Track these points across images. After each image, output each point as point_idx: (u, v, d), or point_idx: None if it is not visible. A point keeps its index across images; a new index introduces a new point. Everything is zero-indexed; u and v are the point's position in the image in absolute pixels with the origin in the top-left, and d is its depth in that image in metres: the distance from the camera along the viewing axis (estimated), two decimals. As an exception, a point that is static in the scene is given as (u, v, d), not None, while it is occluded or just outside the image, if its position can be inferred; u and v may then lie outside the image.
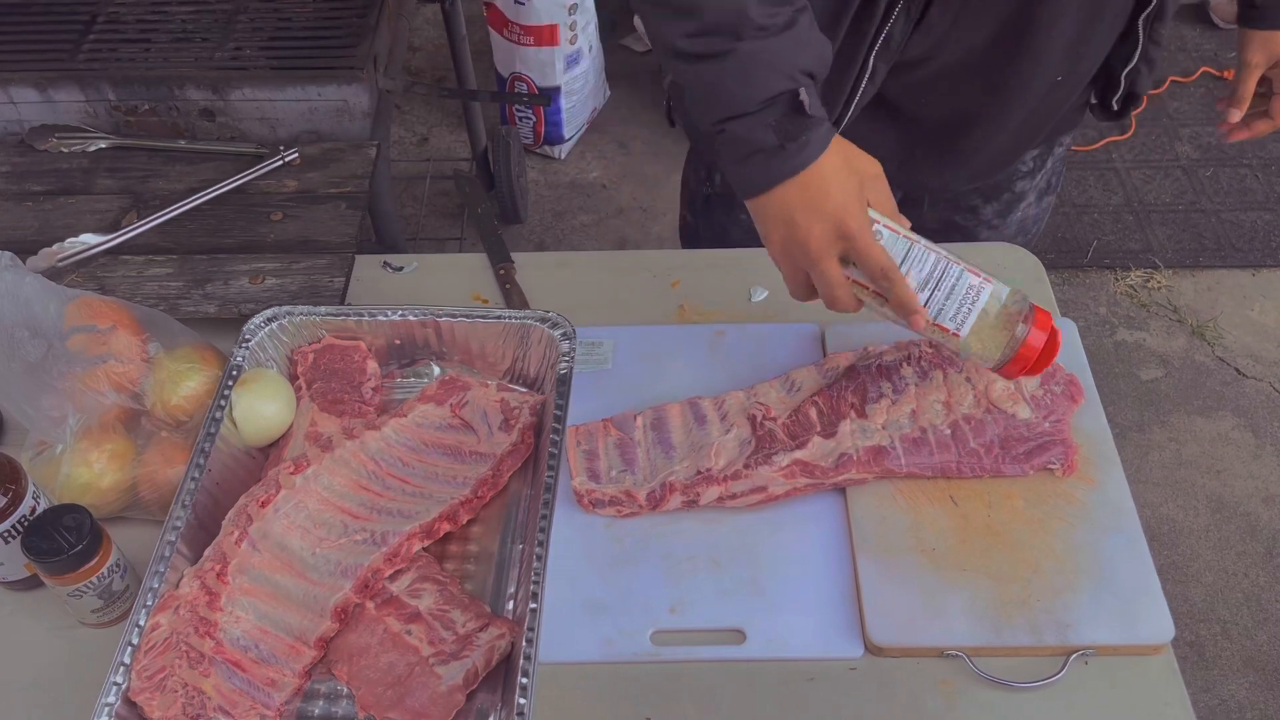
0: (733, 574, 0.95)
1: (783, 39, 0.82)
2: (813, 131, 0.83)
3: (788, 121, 0.82)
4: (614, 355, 1.11)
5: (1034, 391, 1.02)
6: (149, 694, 0.82)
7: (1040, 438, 0.99)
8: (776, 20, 0.82)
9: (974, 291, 0.87)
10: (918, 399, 1.02)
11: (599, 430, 1.04)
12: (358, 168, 1.34)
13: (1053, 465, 0.98)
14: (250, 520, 0.91)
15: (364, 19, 1.52)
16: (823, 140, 0.84)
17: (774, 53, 0.82)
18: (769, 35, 0.82)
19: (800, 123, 0.82)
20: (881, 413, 1.00)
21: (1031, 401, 1.01)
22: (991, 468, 0.98)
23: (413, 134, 2.82)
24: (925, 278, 0.86)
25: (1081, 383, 1.05)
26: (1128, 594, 0.91)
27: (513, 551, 0.96)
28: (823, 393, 1.03)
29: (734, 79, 0.82)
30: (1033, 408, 1.01)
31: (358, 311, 1.07)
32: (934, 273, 0.86)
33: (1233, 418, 2.21)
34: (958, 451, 0.98)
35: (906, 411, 1.01)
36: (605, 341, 1.12)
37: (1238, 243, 2.53)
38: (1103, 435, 1.02)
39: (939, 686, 0.88)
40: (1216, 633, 1.91)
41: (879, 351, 1.05)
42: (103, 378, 0.96)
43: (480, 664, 0.86)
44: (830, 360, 1.06)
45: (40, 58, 1.45)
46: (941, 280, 0.87)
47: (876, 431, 0.99)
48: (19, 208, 1.29)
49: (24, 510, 0.89)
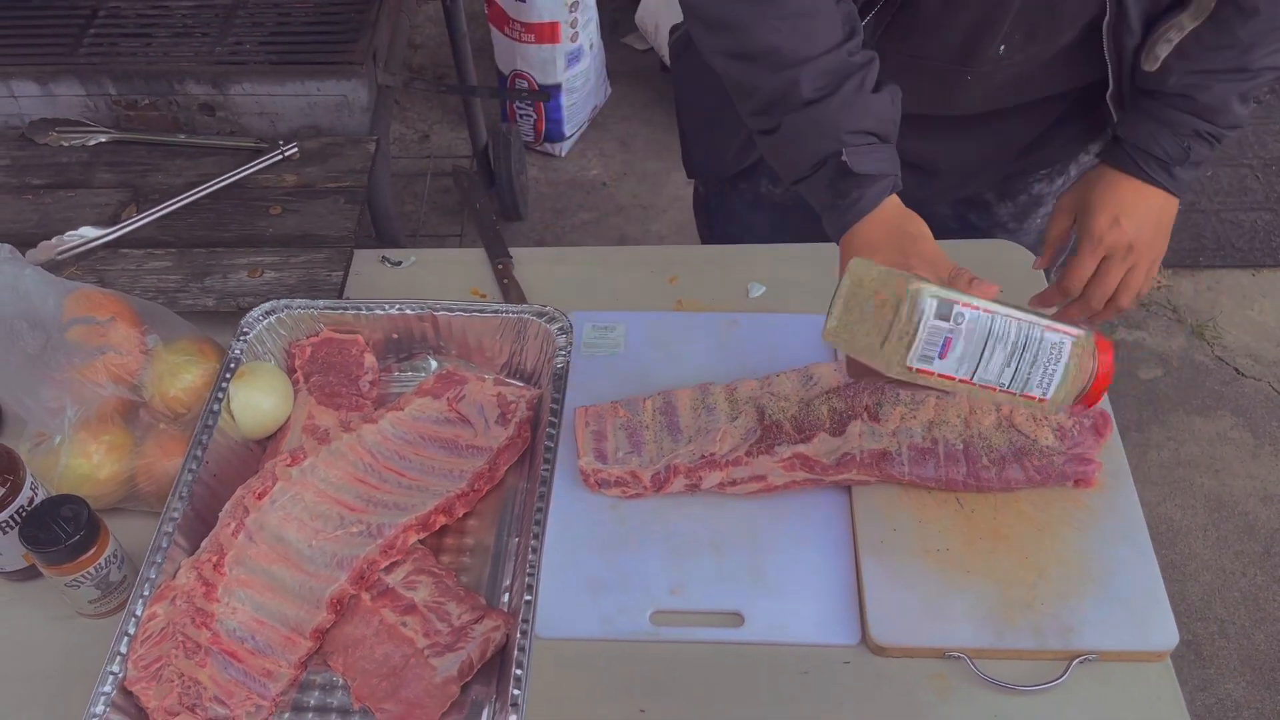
0: (734, 559, 0.95)
1: (824, 106, 0.88)
2: (866, 189, 0.88)
3: (839, 181, 0.88)
4: (626, 340, 1.12)
5: (1063, 422, 0.99)
6: (145, 684, 0.82)
7: (1063, 459, 0.97)
8: (823, 91, 0.88)
9: (1057, 350, 0.79)
10: (936, 410, 1.00)
11: (608, 412, 1.04)
12: (356, 162, 1.34)
13: (1067, 481, 0.97)
14: (247, 512, 0.91)
15: (364, 14, 1.52)
16: (876, 197, 0.88)
17: (817, 120, 0.89)
18: (813, 105, 0.88)
19: (850, 181, 0.88)
20: (895, 418, 1.00)
21: (1058, 431, 0.99)
22: (1000, 485, 0.97)
23: (414, 131, 2.82)
24: (1010, 351, 0.77)
25: (1109, 414, 1.01)
26: (1132, 600, 0.91)
27: (508, 544, 0.97)
28: (839, 390, 1.03)
29: (788, 148, 0.92)
30: (1058, 437, 0.98)
31: (356, 305, 1.08)
32: (1018, 341, 0.77)
33: (1231, 417, 2.21)
34: (966, 468, 0.97)
35: (922, 421, 1.00)
36: (618, 326, 1.13)
37: (1238, 242, 2.53)
38: (1113, 441, 1.01)
39: (932, 680, 0.88)
40: (1214, 631, 1.91)
41: None
42: (101, 369, 0.96)
43: (475, 656, 0.86)
44: None
45: (41, 52, 1.45)
46: (1026, 347, 0.78)
47: (885, 436, 0.99)
48: (19, 201, 1.30)
49: (22, 500, 0.89)
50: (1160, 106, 1.00)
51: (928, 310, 0.74)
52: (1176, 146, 1.00)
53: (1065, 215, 1.07)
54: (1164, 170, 1.01)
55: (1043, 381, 0.79)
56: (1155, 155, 1.00)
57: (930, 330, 0.74)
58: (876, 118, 0.90)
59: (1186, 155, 1.00)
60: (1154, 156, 1.00)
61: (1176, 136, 0.99)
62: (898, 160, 0.91)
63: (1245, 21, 0.95)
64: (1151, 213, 1.02)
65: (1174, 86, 0.99)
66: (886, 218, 0.89)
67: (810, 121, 0.89)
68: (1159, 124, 1.00)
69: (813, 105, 0.88)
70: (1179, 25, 0.97)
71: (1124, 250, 1.02)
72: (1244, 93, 0.98)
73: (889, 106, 0.91)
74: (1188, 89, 0.98)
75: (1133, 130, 1.02)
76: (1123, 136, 1.03)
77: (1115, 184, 1.03)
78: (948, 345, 0.75)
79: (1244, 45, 0.96)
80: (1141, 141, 1.01)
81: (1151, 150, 1.00)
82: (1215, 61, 0.97)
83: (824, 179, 0.89)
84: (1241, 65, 0.97)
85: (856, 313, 0.78)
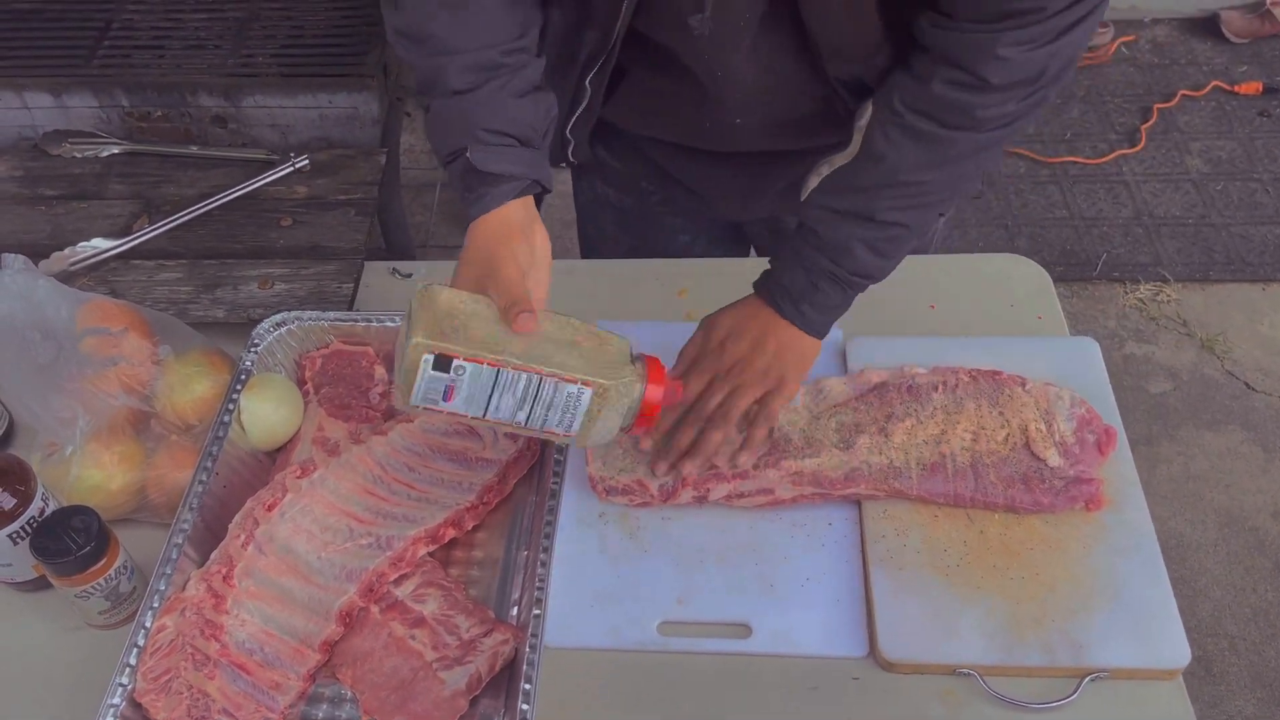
0: (742, 570, 0.95)
1: (466, 100, 0.89)
2: (491, 188, 0.89)
3: (468, 174, 0.90)
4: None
5: (1066, 438, 0.99)
6: (154, 696, 0.82)
7: (1064, 483, 0.97)
8: (469, 85, 0.89)
9: (574, 398, 0.83)
10: (944, 426, 1.00)
11: None
12: (367, 174, 1.34)
13: (1075, 505, 0.96)
14: (256, 524, 0.91)
15: (375, 27, 1.53)
16: (500, 197, 0.89)
17: (456, 112, 0.90)
18: (459, 96, 0.90)
19: (475, 177, 0.89)
20: (903, 433, 0.99)
21: (1060, 447, 0.99)
22: (1006, 503, 0.96)
23: (424, 142, 2.83)
24: (520, 398, 0.82)
25: (1116, 430, 1.01)
26: (1144, 616, 0.90)
27: (517, 558, 0.97)
28: (848, 404, 1.03)
29: (435, 131, 0.93)
30: (1061, 454, 0.98)
31: (366, 317, 1.08)
32: (527, 391, 0.82)
33: (1242, 432, 2.20)
34: (974, 484, 0.96)
35: (930, 435, 0.99)
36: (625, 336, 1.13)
37: (1248, 257, 2.52)
38: (1124, 456, 1.00)
39: (942, 697, 0.88)
40: (1224, 648, 1.89)
41: (913, 373, 1.05)
42: (113, 380, 0.97)
43: (484, 669, 0.86)
44: (862, 375, 1.06)
45: (55, 64, 1.46)
46: (538, 397, 0.83)
47: (894, 451, 0.98)
48: (32, 212, 1.30)
49: (33, 511, 0.89)
50: (798, 239, 0.98)
51: (424, 364, 0.80)
52: (805, 282, 0.98)
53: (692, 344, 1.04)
54: (792, 304, 0.99)
55: (563, 422, 0.85)
56: (786, 288, 0.99)
57: (430, 379, 0.81)
58: (513, 120, 0.90)
59: (814, 293, 0.98)
60: (786, 289, 0.99)
61: (806, 273, 0.97)
62: (541, 166, 0.92)
63: (872, 167, 0.93)
64: (783, 345, 1.00)
65: (809, 219, 0.97)
66: (498, 223, 0.89)
67: (453, 111, 0.90)
68: (795, 256, 0.98)
69: (459, 96, 0.89)
70: (830, 160, 1.00)
71: (725, 370, 0.99)
72: (871, 242, 0.95)
73: (531, 111, 0.92)
74: (818, 223, 0.96)
75: (775, 261, 1.01)
76: (768, 267, 1.02)
77: (748, 308, 1.01)
78: (450, 391, 0.82)
79: (869, 191, 0.94)
80: (777, 273, 1.00)
81: (783, 282, 0.99)
82: (842, 202, 0.95)
83: (456, 170, 0.91)
84: (867, 213, 0.94)
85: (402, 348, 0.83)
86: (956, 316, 1.16)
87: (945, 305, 1.18)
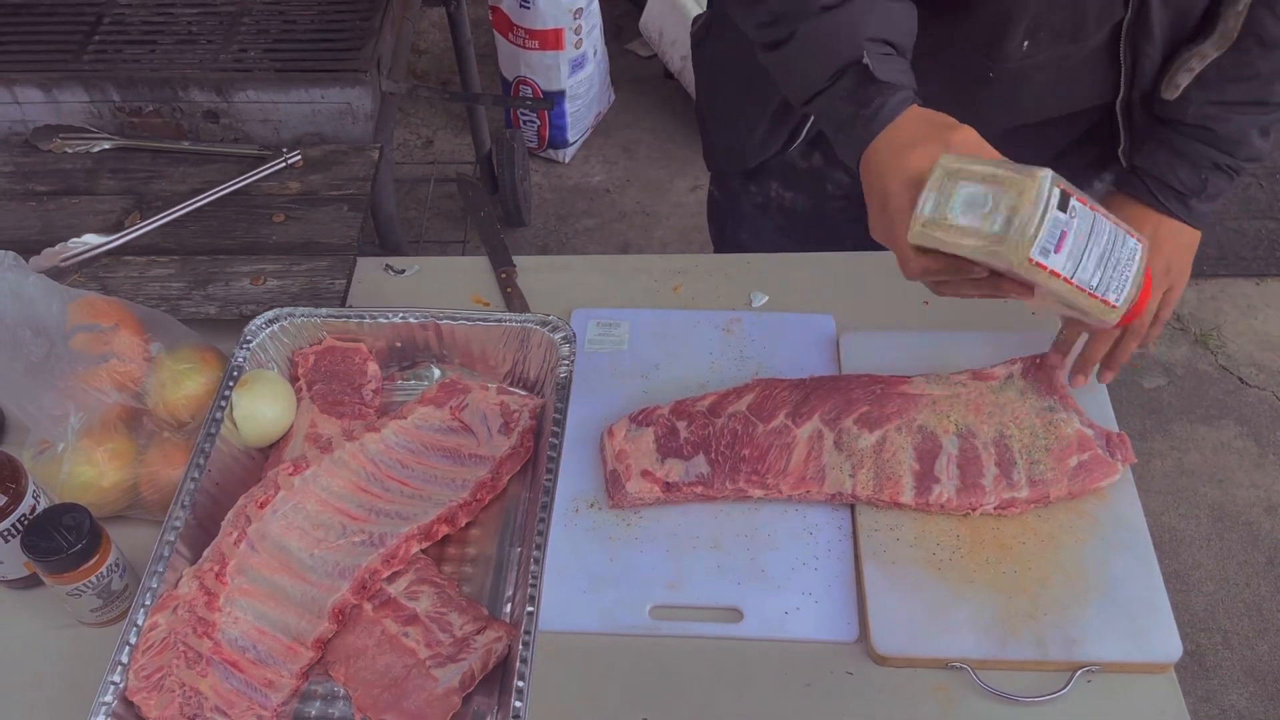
0: (734, 555, 0.96)
1: (844, 12, 0.84)
2: (888, 97, 0.84)
3: (860, 90, 0.84)
4: (630, 337, 1.13)
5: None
6: (146, 693, 0.82)
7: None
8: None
9: (1132, 255, 0.75)
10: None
11: None
12: (360, 170, 1.34)
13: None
14: (249, 521, 0.91)
15: (368, 22, 1.52)
16: (899, 105, 0.84)
17: (834, 26, 0.84)
18: (831, 11, 0.84)
19: (873, 88, 0.84)
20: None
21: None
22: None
23: (418, 137, 2.82)
24: (1103, 251, 0.74)
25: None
26: (1136, 611, 0.91)
27: (511, 554, 0.96)
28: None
29: (803, 59, 0.87)
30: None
31: (359, 313, 1.08)
32: (1109, 243, 0.74)
33: (1235, 426, 2.20)
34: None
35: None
36: (622, 323, 1.14)
37: (1242, 251, 2.52)
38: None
39: (935, 691, 0.88)
40: (1217, 642, 1.90)
41: None
42: (105, 376, 0.96)
43: (477, 667, 0.86)
44: None
45: (45, 58, 1.45)
46: (1113, 250, 0.74)
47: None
48: (23, 208, 1.30)
49: (24, 509, 0.89)
50: (1178, 137, 0.99)
51: (1052, 200, 0.70)
52: (1194, 178, 0.99)
53: None
54: (1180, 202, 1.00)
55: (1118, 286, 0.76)
56: (1172, 186, 0.99)
57: (1053, 221, 0.70)
58: (896, 26, 0.86)
59: (1204, 187, 0.99)
60: (1170, 188, 0.99)
61: (1194, 168, 0.98)
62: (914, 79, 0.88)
63: (1266, 54, 0.94)
64: (1171, 241, 1.01)
65: (1193, 117, 0.98)
66: (912, 120, 0.84)
67: (829, 27, 0.85)
68: (1177, 155, 0.99)
69: (831, 11, 0.84)
70: (1201, 54, 0.96)
71: (1161, 276, 1.01)
72: (1264, 126, 0.97)
73: (908, 17, 0.88)
74: (1206, 120, 0.97)
75: (1150, 160, 1.01)
76: (1140, 166, 1.02)
77: (1134, 216, 1.01)
78: (1062, 239, 0.71)
79: (1265, 78, 0.95)
80: (1158, 172, 1.00)
81: (1168, 181, 0.99)
82: (1235, 93, 0.96)
83: (844, 89, 0.85)
84: (1262, 98, 0.96)
85: (948, 208, 0.75)
86: (950, 312, 1.16)
87: (939, 301, 1.17)
